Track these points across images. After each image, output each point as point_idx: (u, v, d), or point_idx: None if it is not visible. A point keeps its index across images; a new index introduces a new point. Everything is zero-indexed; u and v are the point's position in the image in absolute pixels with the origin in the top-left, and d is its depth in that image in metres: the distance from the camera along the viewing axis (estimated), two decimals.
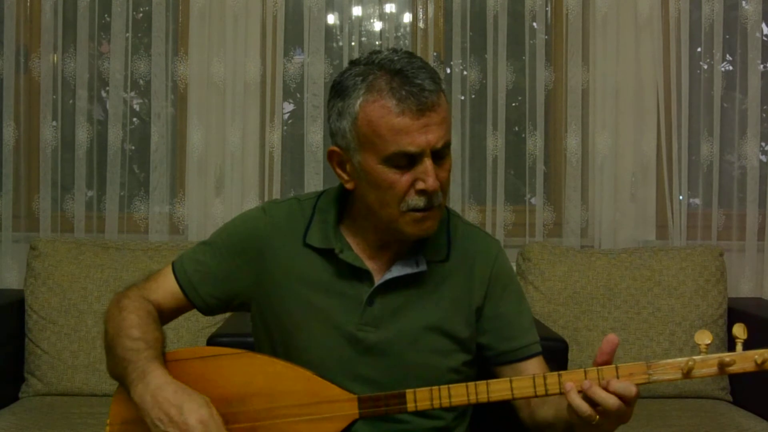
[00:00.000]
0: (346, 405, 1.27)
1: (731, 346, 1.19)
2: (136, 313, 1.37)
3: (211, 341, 2.06)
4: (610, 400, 1.17)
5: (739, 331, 1.19)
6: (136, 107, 3.10)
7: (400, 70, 1.29)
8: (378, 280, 1.39)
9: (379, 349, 1.39)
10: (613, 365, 1.20)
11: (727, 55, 3.03)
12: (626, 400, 1.18)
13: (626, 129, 2.94)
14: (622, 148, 2.94)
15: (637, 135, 2.94)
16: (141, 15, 3.01)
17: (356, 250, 1.41)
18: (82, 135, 2.87)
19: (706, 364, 1.19)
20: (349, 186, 1.39)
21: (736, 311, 2.66)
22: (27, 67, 2.93)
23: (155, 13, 2.87)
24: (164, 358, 1.33)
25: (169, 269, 1.47)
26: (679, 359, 1.19)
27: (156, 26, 2.88)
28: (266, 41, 2.91)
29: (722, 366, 1.18)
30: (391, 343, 1.39)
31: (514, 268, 2.69)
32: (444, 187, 1.34)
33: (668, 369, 1.19)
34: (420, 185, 1.30)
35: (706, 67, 2.98)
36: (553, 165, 3.04)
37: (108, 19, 2.90)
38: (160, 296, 1.45)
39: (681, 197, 2.92)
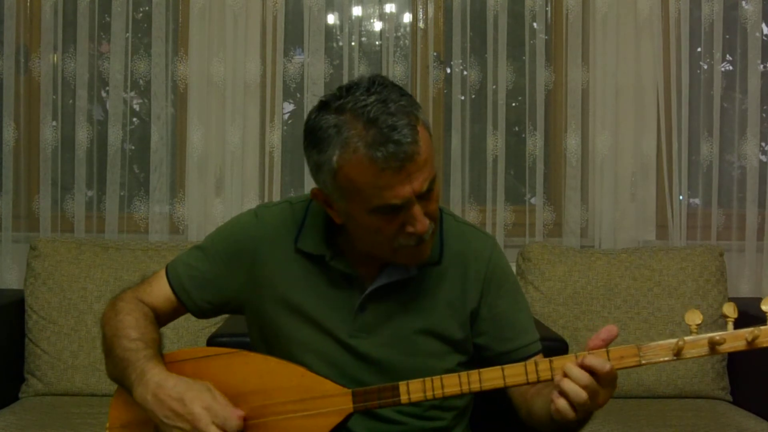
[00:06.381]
0: (340, 399, 1.27)
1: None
2: (132, 314, 1.37)
3: (211, 341, 2.06)
4: (584, 378, 1.16)
5: (729, 309, 1.16)
6: (136, 107, 3.10)
7: (374, 121, 1.19)
8: (369, 286, 1.38)
9: (372, 356, 1.39)
10: (604, 349, 1.19)
11: (727, 55, 3.03)
12: (599, 378, 1.16)
13: (626, 129, 2.94)
14: (622, 148, 2.94)
15: (637, 135, 2.94)
16: (141, 15, 3.01)
17: (348, 254, 1.39)
18: (82, 135, 2.87)
19: (697, 344, 1.16)
20: (338, 221, 1.34)
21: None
22: (27, 67, 2.93)
23: (155, 13, 2.87)
24: (162, 359, 1.33)
25: (163, 273, 1.47)
26: (670, 340, 1.17)
27: (156, 26, 2.88)
28: (266, 41, 2.91)
29: (713, 345, 1.15)
30: (384, 349, 1.39)
31: (514, 268, 2.70)
32: (434, 215, 1.30)
33: (659, 351, 1.17)
34: (410, 229, 1.26)
35: (706, 67, 2.98)
36: (553, 165, 3.04)
37: (108, 19, 2.90)
38: (155, 299, 1.44)
39: (681, 197, 2.92)
